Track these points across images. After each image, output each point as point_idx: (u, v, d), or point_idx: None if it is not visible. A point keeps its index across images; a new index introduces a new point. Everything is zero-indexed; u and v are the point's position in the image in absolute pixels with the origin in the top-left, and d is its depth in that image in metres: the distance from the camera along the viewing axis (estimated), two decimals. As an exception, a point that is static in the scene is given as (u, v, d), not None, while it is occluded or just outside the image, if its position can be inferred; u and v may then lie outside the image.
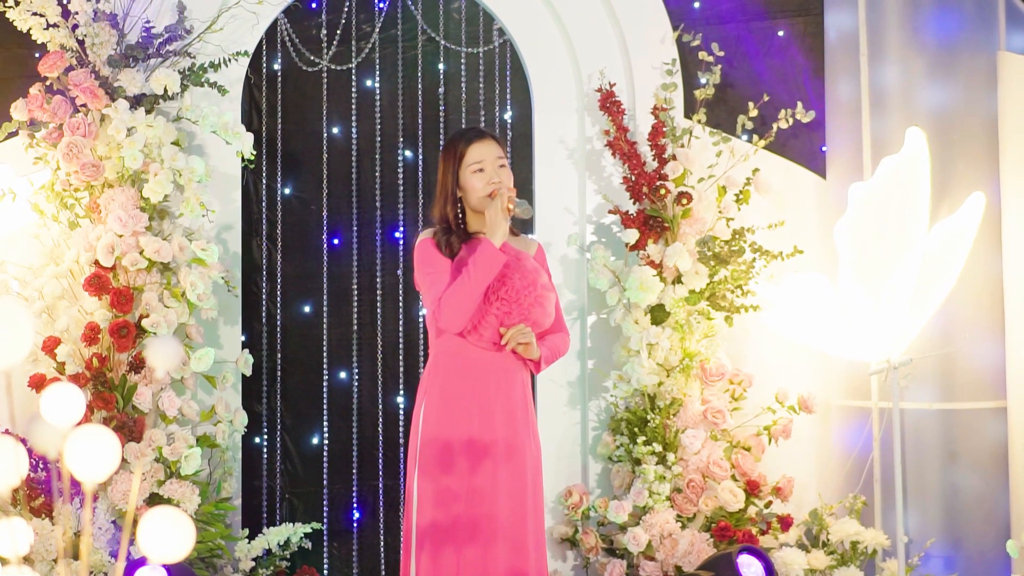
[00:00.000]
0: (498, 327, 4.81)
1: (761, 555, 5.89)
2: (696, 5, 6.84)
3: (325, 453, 6.77)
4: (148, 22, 6.11)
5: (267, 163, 6.73)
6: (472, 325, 4.80)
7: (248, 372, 6.31)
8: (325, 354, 6.78)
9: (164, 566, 4.78)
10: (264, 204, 6.73)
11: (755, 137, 6.60)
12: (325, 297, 6.79)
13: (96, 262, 5.84)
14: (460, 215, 4.93)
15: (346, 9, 6.78)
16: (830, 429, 6.76)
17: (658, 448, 6.30)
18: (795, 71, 6.89)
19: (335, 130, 6.83)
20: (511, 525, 4.81)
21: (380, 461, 6.79)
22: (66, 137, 5.88)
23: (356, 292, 6.80)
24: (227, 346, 6.42)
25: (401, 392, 6.76)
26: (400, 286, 6.74)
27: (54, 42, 5.94)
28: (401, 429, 6.74)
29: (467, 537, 4.77)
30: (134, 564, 5.25)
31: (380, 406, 6.80)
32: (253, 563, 6.12)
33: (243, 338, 6.55)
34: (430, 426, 4.86)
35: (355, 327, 6.80)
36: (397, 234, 6.80)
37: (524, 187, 6.80)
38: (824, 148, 6.85)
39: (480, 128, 5.13)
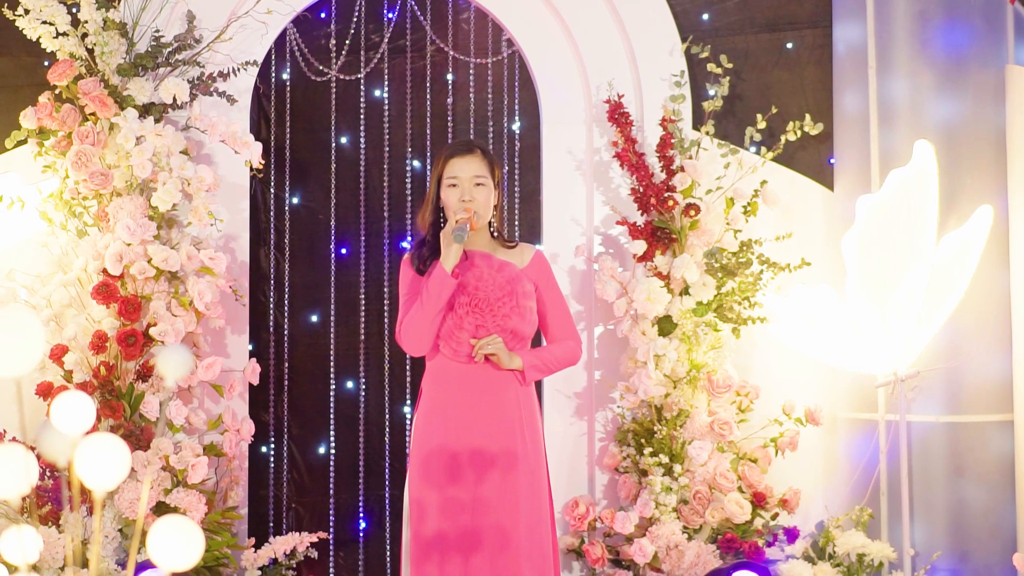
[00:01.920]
0: (472, 338, 4.84)
1: (760, 569, 5.88)
2: (705, 17, 6.85)
3: (332, 462, 6.77)
4: (157, 31, 6.12)
5: (275, 172, 6.74)
6: (445, 340, 4.85)
7: (255, 381, 6.31)
8: (332, 364, 6.79)
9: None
10: (272, 213, 6.74)
11: (763, 149, 6.60)
12: (332, 307, 6.80)
13: (104, 271, 5.84)
14: (441, 224, 4.99)
15: (355, 19, 6.79)
16: (837, 441, 6.76)
17: (665, 459, 6.30)
18: (803, 83, 6.89)
19: (343, 140, 6.84)
20: (499, 535, 4.81)
21: (387, 471, 6.80)
22: (75, 146, 5.88)
23: (363, 302, 6.81)
24: (235, 355, 6.43)
25: (408, 402, 6.77)
26: (407, 296, 6.75)
27: (63, 51, 5.94)
28: (407, 439, 6.75)
29: (451, 547, 4.79)
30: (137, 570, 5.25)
31: (387, 416, 6.81)
32: (259, 572, 6.12)
33: (250, 347, 6.55)
34: (417, 439, 4.95)
35: (362, 337, 6.81)
36: (405, 244, 6.80)
37: (532, 197, 6.82)
38: (832, 160, 6.85)
39: (470, 142, 5.08)
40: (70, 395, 2.54)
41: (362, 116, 6.82)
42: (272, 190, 6.75)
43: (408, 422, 6.76)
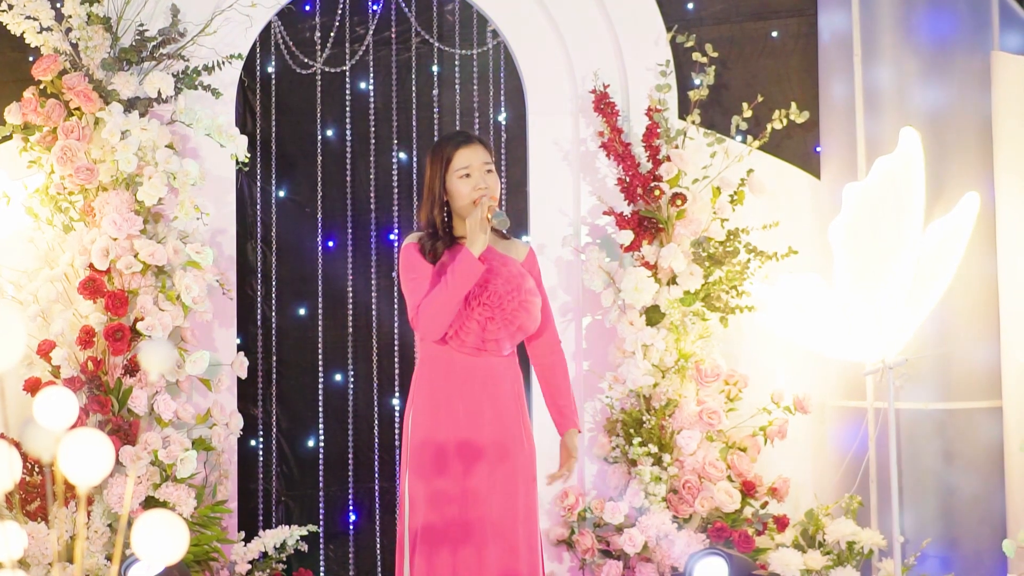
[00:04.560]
0: (480, 332, 4.81)
1: (724, 554, 5.87)
2: (690, 6, 6.85)
3: (321, 456, 6.77)
4: (142, 25, 6.11)
5: (261, 166, 6.73)
6: (454, 331, 4.81)
7: (243, 375, 6.31)
8: (320, 356, 6.78)
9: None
10: (259, 207, 6.74)
11: (749, 138, 6.60)
12: (320, 299, 6.79)
13: (91, 265, 5.83)
14: (447, 219, 4.94)
15: (340, 11, 6.78)
16: (826, 429, 6.77)
17: (654, 449, 6.30)
18: (789, 72, 6.89)
19: (329, 132, 6.83)
20: (502, 526, 4.81)
21: (376, 463, 6.80)
22: (60, 141, 5.87)
23: (351, 294, 6.80)
24: (222, 349, 6.41)
25: (396, 394, 6.77)
26: (395, 288, 6.74)
27: (48, 46, 5.93)
28: (396, 431, 6.74)
29: (458, 539, 4.78)
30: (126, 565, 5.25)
31: (375, 408, 6.81)
32: (249, 566, 6.12)
33: (238, 341, 6.54)
34: (419, 430, 4.89)
35: (350, 329, 6.81)
36: (392, 236, 6.80)
37: (518, 189, 6.82)
38: (818, 149, 6.85)
39: (468, 132, 5.14)
40: (53, 390, 2.53)
41: (348, 109, 6.82)
42: (258, 183, 6.74)
43: (397, 414, 6.76)
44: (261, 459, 6.72)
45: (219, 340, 6.43)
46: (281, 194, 6.79)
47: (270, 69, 6.76)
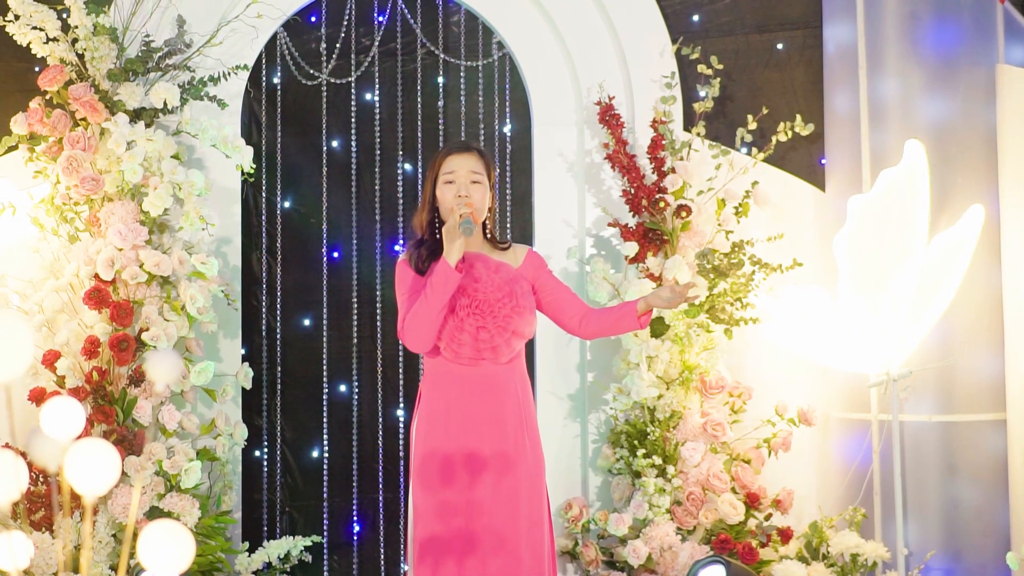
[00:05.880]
0: (473, 342, 4.79)
1: (724, 561, 5.87)
2: (695, 18, 6.85)
3: (325, 466, 6.77)
4: (148, 36, 6.12)
5: (267, 176, 6.73)
6: (447, 342, 4.80)
7: (248, 385, 6.31)
8: (325, 367, 6.78)
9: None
10: (264, 217, 6.74)
11: (754, 150, 6.61)
12: (325, 310, 6.79)
13: (96, 276, 5.84)
14: (437, 224, 4.94)
15: (345, 23, 6.79)
16: (830, 441, 6.76)
17: (658, 461, 6.30)
18: (794, 84, 6.90)
19: (335, 143, 6.83)
20: (504, 537, 4.79)
21: (380, 474, 6.79)
22: (66, 151, 5.88)
23: (356, 305, 6.80)
24: (227, 359, 6.42)
25: (401, 405, 6.76)
26: (400, 299, 6.74)
27: (54, 56, 5.94)
28: (401, 442, 6.74)
29: (460, 551, 4.76)
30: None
31: (380, 419, 6.80)
32: (253, 576, 6.13)
33: (243, 351, 6.55)
34: (420, 441, 4.88)
35: (355, 340, 6.80)
36: (397, 247, 6.80)
37: (524, 200, 6.82)
38: (823, 161, 6.85)
39: (468, 142, 5.09)
40: (60, 400, 2.53)
41: (353, 119, 6.82)
42: (264, 194, 6.74)
43: (401, 424, 6.76)
44: (266, 469, 6.72)
45: (224, 350, 6.44)
46: (286, 205, 6.79)
47: (276, 80, 6.77)
